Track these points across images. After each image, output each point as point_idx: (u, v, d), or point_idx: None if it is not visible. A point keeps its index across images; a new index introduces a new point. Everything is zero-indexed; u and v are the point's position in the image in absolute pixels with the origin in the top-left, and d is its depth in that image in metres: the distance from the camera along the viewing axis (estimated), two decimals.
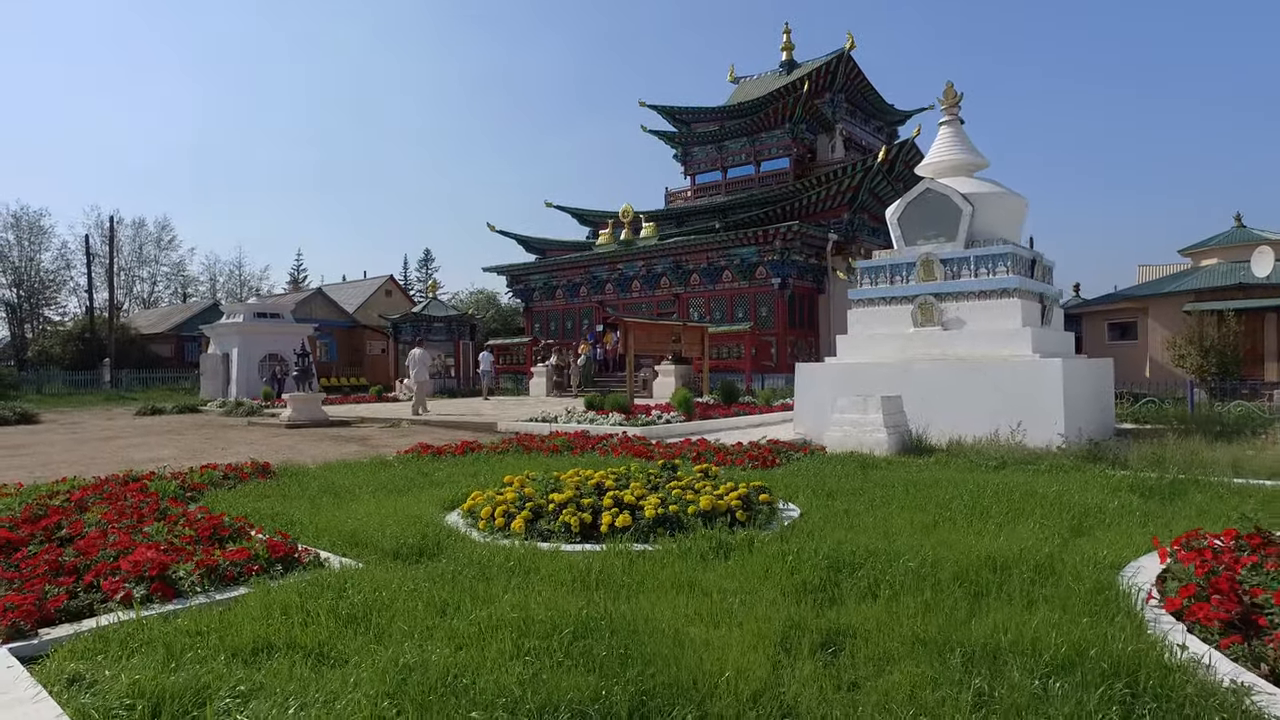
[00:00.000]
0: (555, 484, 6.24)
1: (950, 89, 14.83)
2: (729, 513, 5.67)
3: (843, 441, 11.08)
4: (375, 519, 5.69)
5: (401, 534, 5.11)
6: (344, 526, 5.38)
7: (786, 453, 9.58)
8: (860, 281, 14.61)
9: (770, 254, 27.12)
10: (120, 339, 41.44)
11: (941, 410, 11.97)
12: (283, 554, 4.46)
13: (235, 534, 5.00)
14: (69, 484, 6.86)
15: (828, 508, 6.39)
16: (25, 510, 5.49)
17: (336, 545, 5.05)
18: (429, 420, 18.32)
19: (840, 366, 13.90)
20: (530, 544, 5.03)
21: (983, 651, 3.22)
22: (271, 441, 15.30)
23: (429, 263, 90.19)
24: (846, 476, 7.91)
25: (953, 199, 13.33)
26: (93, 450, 13.96)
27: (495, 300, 61.56)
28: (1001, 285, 12.90)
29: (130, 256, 60.15)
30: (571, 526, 5.30)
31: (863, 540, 5.04)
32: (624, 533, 5.28)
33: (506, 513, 5.56)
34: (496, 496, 5.92)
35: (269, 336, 31.30)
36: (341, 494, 6.91)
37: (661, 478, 6.71)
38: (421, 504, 6.39)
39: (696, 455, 9.09)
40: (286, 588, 3.99)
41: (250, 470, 7.97)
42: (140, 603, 3.84)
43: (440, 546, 4.91)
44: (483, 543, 5.12)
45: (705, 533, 5.14)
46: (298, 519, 5.71)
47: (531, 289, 35.31)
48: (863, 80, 37.12)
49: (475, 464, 8.95)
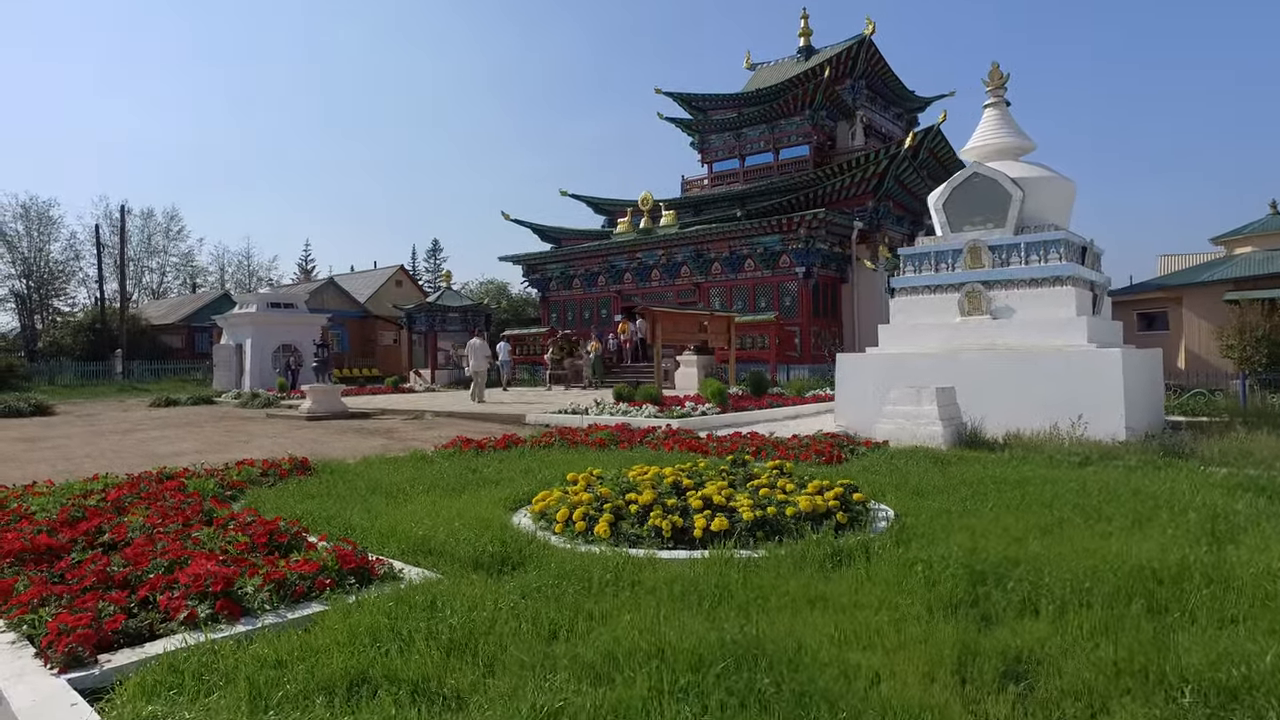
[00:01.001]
0: (629, 483, 5.76)
1: (996, 69, 14.23)
2: (828, 515, 5.18)
3: (895, 434, 10.59)
4: (439, 522, 5.20)
5: (476, 540, 4.63)
6: (410, 531, 4.89)
7: (848, 447, 9.07)
8: (903, 269, 14.08)
9: (794, 242, 26.53)
10: (131, 330, 41.05)
11: (990, 402, 11.49)
12: (355, 565, 3.97)
13: (293, 540, 4.52)
14: (102, 482, 6.39)
15: (922, 507, 5.90)
16: (62, 512, 5.03)
17: (406, 553, 4.57)
18: (453, 412, 17.86)
19: (884, 357, 13.40)
20: (620, 551, 4.55)
21: (1214, 687, 2.72)
22: (293, 434, 14.86)
23: (437, 253, 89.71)
24: (924, 473, 7.41)
25: (1002, 183, 12.79)
26: (113, 443, 13.53)
27: (506, 290, 61.08)
28: (1054, 273, 12.40)
29: (139, 247, 59.75)
30: (663, 531, 4.81)
31: (989, 546, 4.54)
32: (721, 537, 4.79)
33: (587, 515, 5.07)
34: (571, 497, 5.44)
35: (282, 327, 30.89)
36: (393, 494, 6.43)
37: (736, 475, 6.22)
38: (483, 504, 5.91)
39: (756, 450, 8.60)
40: (368, 606, 3.51)
41: (289, 466, 7.50)
42: (205, 623, 3.37)
43: (524, 555, 4.42)
44: (567, 549, 4.64)
45: (814, 538, 4.65)
46: (355, 522, 5.23)
47: (548, 278, 34.76)
48: (884, 66, 36.39)
49: (522, 459, 8.46)
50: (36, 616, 3.30)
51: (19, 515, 5.10)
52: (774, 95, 34.97)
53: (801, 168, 33.59)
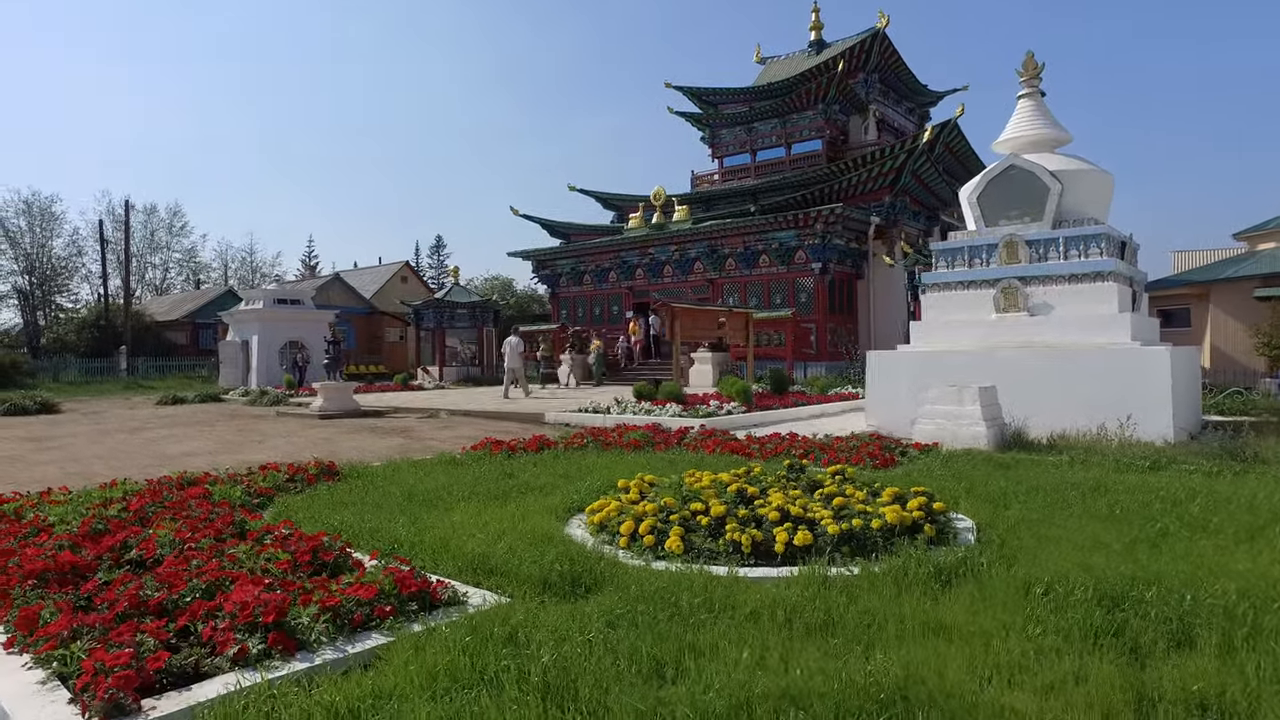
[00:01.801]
0: (690, 492, 5.34)
1: (1030, 59, 13.79)
2: (915, 528, 4.76)
3: (935, 435, 10.21)
4: (491, 536, 4.79)
5: (539, 557, 4.21)
6: (464, 547, 4.47)
7: (896, 448, 8.66)
8: (935, 264, 13.69)
9: (811, 238, 26.07)
10: (135, 326, 40.64)
11: (1029, 402, 11.11)
12: (416, 589, 3.56)
13: (339, 559, 4.10)
14: (122, 489, 5.97)
15: (1001, 517, 5.49)
16: (83, 525, 4.62)
17: (464, 572, 4.16)
18: (469, 411, 17.45)
19: (916, 354, 13.00)
20: (700, 569, 4.13)
21: None
22: (307, 433, 14.46)
23: (440, 249, 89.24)
24: (987, 478, 7.00)
25: (1040, 176, 12.38)
26: (121, 443, 13.12)
27: (511, 287, 60.62)
28: (1095, 268, 11.99)
29: (142, 243, 59.29)
30: (742, 546, 4.40)
31: (1102, 563, 4.13)
32: (804, 553, 4.38)
33: (655, 528, 4.66)
34: (633, 508, 5.03)
35: (290, 323, 30.48)
36: (432, 502, 6.01)
37: (799, 482, 5.80)
38: (532, 515, 5.49)
39: (803, 453, 8.18)
40: (440, 639, 3.09)
41: (315, 471, 7.09)
42: (258, 659, 2.96)
43: (597, 575, 4.00)
44: (639, 567, 4.23)
45: (912, 555, 4.24)
46: (401, 536, 4.81)
47: (558, 274, 34.29)
48: (897, 59, 35.91)
49: (557, 462, 8.05)
50: (68, 652, 2.90)
51: (37, 527, 4.69)
52: (786, 89, 34.50)
53: (814, 162, 33.12)
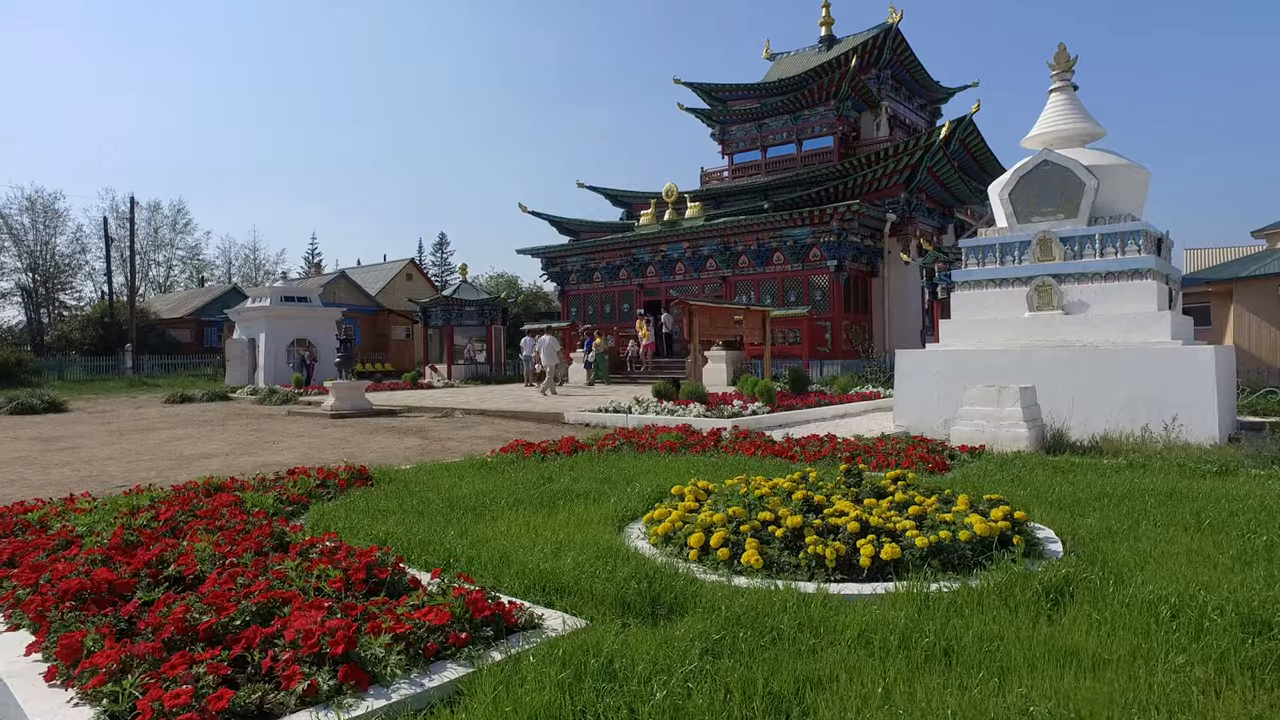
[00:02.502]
0: (754, 500, 5.03)
1: (1063, 51, 13.45)
2: (1003, 540, 4.45)
3: (974, 436, 9.90)
4: (548, 547, 4.47)
5: (610, 574, 3.90)
6: (526, 562, 4.15)
7: (943, 451, 8.33)
8: (965, 261, 13.40)
9: (826, 235, 25.71)
10: (139, 324, 40.34)
11: (1065, 402, 10.84)
12: (489, 613, 3.24)
13: (396, 576, 3.79)
14: (149, 496, 5.65)
15: (1079, 526, 5.18)
16: (115, 536, 4.30)
17: (531, 590, 3.84)
18: (485, 410, 17.14)
19: (947, 353, 12.69)
20: (787, 586, 3.81)
21: None
22: (322, 434, 14.15)
23: (444, 246, 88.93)
24: (1048, 483, 6.68)
25: (1075, 172, 12.07)
26: (134, 444, 12.82)
27: (516, 284, 60.32)
28: (1133, 265, 11.71)
29: (145, 240, 59.01)
30: (825, 560, 4.08)
31: (1218, 580, 3.81)
32: (891, 567, 4.07)
33: (728, 541, 4.34)
34: (696, 516, 4.71)
35: (297, 321, 30.17)
36: (477, 509, 5.69)
37: (862, 489, 5.49)
38: (587, 524, 5.17)
39: (849, 455, 7.86)
40: (530, 673, 2.77)
41: (346, 476, 6.76)
42: (329, 696, 2.64)
43: (678, 594, 3.68)
44: (720, 584, 3.91)
45: (1011, 569, 3.92)
46: (455, 549, 4.49)
47: (568, 272, 33.94)
48: (910, 55, 35.50)
49: (595, 466, 7.72)
50: (120, 689, 2.58)
51: (66, 540, 4.37)
52: (797, 85, 34.14)
53: (825, 159, 32.78)
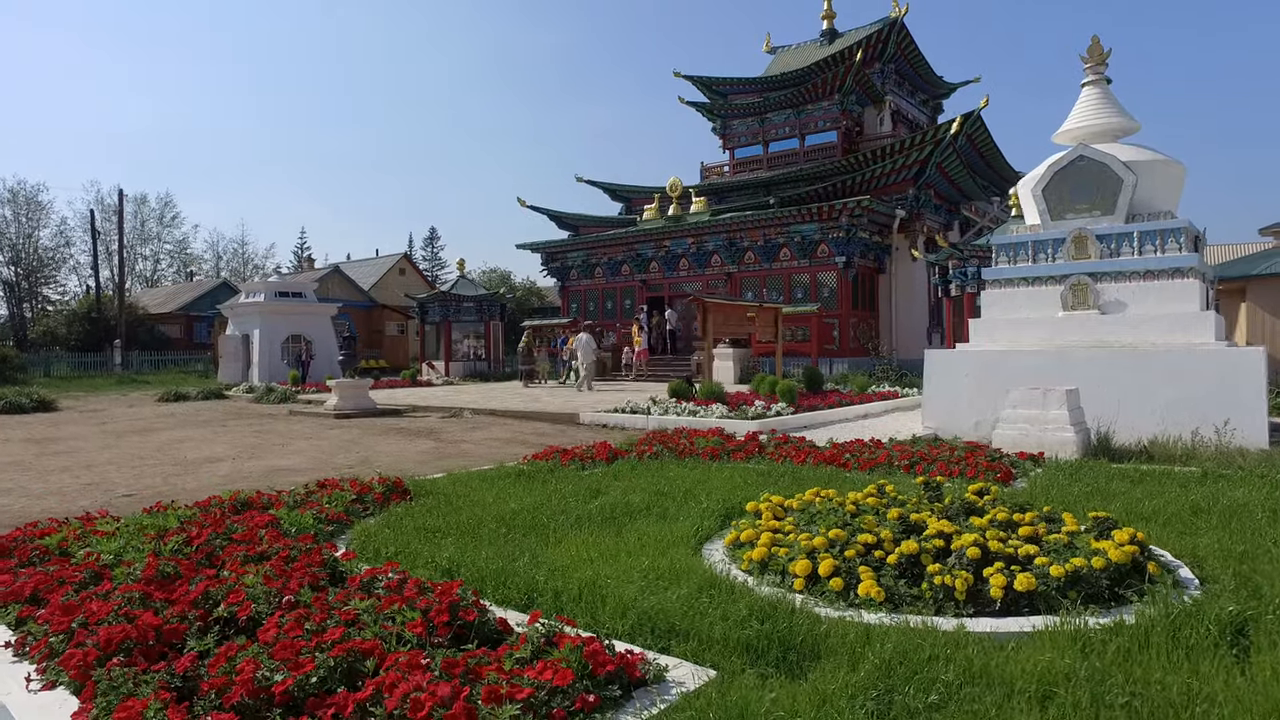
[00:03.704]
0: (845, 519, 4.59)
1: (1096, 44, 13.07)
2: (1136, 566, 4.02)
3: (1018, 441, 9.53)
4: (637, 576, 4.00)
5: (725, 612, 3.43)
6: (620, 595, 3.67)
7: (1003, 458, 7.91)
8: (995, 259, 13.05)
9: (835, 231, 25.28)
10: (128, 319, 39.46)
11: (1104, 405, 10.50)
12: (611, 667, 2.77)
13: (482, 618, 3.30)
14: (176, 516, 5.10)
15: (1197, 547, 4.77)
16: (149, 568, 3.77)
17: (638, 631, 3.36)
18: (494, 410, 16.62)
19: (979, 354, 12.31)
20: (924, 623, 3.36)
21: None
22: (330, 435, 13.59)
23: (434, 241, 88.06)
24: (1132, 495, 6.27)
25: (1112, 167, 11.72)
26: (134, 447, 12.23)
27: (509, 280, 59.65)
28: (1174, 264, 11.39)
29: (132, 234, 57.94)
30: (956, 591, 3.64)
31: None
32: (1026, 599, 3.64)
33: (839, 569, 3.89)
34: (788, 538, 4.26)
35: (292, 317, 29.49)
36: (535, 529, 5.20)
37: (952, 506, 5.06)
38: (662, 546, 4.69)
39: (908, 463, 7.43)
40: None
41: (382, 489, 6.25)
42: None
43: (804, 636, 3.21)
44: (841, 620, 3.45)
45: (1172, 605, 3.49)
46: (533, 579, 3.99)
47: (569, 267, 33.35)
48: (914, 49, 35.12)
49: (637, 475, 7.23)
50: None
51: (94, 571, 3.84)
52: (800, 79, 33.70)
53: (829, 154, 32.38)
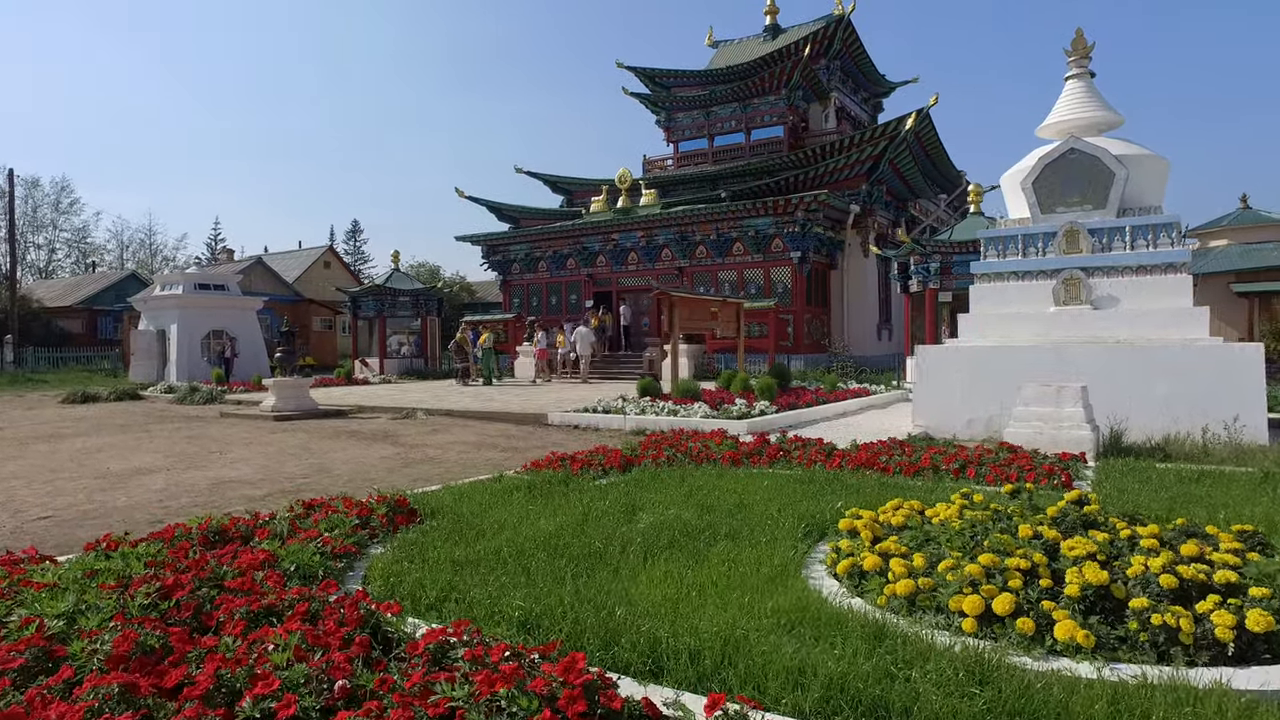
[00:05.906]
0: (972, 540, 3.85)
1: (1080, 37, 12.91)
2: None
3: (1032, 439, 9.17)
4: (770, 623, 3.16)
5: (921, 676, 2.62)
6: (779, 655, 2.81)
7: (1052, 460, 7.38)
8: (984, 254, 12.78)
9: (790, 225, 24.88)
10: (20, 313, 36.04)
11: (1101, 401, 10.26)
12: None
13: (631, 706, 2.39)
14: (140, 556, 3.88)
15: None
16: (122, 639, 2.67)
17: (834, 710, 2.52)
18: (450, 410, 15.42)
19: (972, 350, 11.96)
20: (1168, 680, 2.63)
21: None
22: (273, 440, 12.20)
23: (357, 234, 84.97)
24: (1210, 498, 5.80)
25: (1104, 161, 11.58)
26: (43, 457, 10.60)
27: (438, 274, 57.65)
28: (1167, 259, 11.33)
29: (24, 220, 53.35)
30: (1182, 635, 2.92)
31: None
32: (1255, 643, 2.96)
33: (1023, 607, 3.12)
34: (954, 567, 3.48)
35: (214, 311, 27.29)
36: (594, 558, 4.27)
37: (1067, 519, 4.41)
38: (759, 577, 3.85)
39: (957, 468, 6.80)
40: None
41: (385, 510, 5.17)
42: None
43: (1039, 704, 2.43)
44: (1055, 674, 2.69)
45: None
46: (653, 634, 3.05)
47: (510, 260, 32.00)
48: (859, 47, 35.20)
49: (667, 485, 6.34)
50: None
51: (42, 650, 2.70)
52: (746, 73, 33.32)
53: (775, 149, 32.09)
